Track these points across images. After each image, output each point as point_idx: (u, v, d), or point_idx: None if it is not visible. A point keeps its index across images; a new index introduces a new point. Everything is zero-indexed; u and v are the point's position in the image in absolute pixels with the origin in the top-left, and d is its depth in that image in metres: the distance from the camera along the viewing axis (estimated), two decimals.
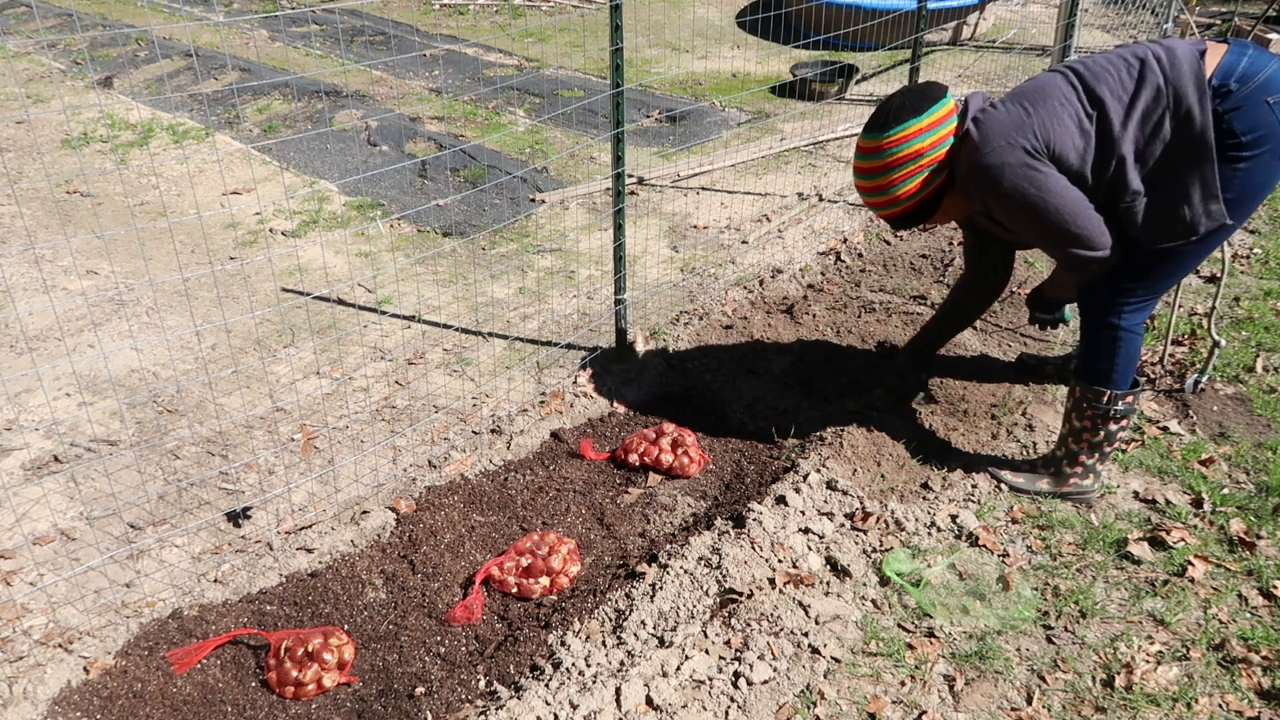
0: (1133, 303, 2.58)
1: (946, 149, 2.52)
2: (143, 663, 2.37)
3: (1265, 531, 2.69)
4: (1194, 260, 2.53)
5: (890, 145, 2.52)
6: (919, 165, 2.52)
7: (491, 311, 4.08)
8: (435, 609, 2.55)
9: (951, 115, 2.53)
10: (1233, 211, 2.39)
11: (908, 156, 2.51)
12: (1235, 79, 2.28)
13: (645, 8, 9.37)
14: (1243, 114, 2.28)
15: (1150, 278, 2.54)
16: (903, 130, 2.50)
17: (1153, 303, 2.63)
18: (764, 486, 2.92)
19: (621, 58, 3.20)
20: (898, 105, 2.53)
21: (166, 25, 8.40)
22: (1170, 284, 2.60)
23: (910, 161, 2.52)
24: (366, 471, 3.08)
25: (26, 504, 2.92)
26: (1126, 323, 2.61)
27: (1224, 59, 2.31)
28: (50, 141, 6.04)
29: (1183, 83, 2.29)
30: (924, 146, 2.50)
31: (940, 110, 2.51)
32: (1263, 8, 8.36)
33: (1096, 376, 2.69)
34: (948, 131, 2.52)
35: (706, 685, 2.21)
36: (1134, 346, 2.64)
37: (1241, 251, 4.38)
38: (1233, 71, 2.29)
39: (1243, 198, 2.38)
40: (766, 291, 4.12)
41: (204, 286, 4.29)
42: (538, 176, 5.50)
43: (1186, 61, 2.30)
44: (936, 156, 2.52)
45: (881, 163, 2.55)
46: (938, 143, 2.51)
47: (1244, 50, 2.33)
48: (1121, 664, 2.30)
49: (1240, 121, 2.29)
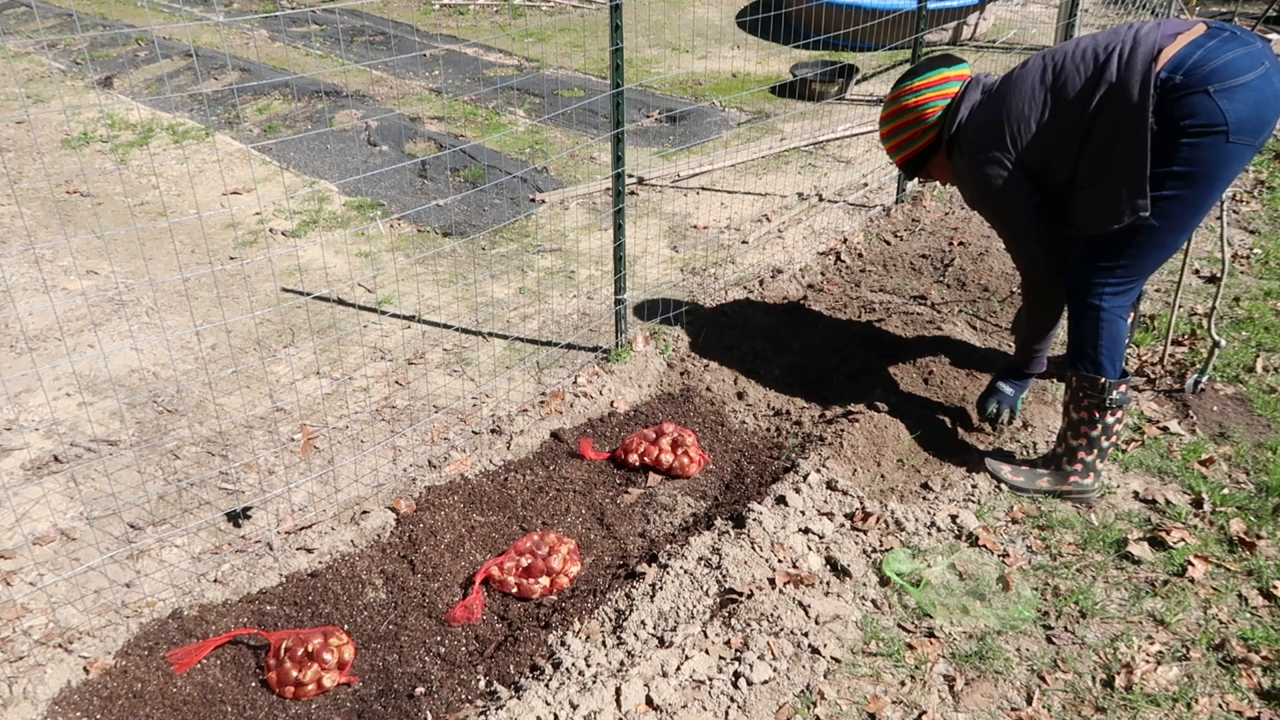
0: (1112, 283, 2.67)
1: (932, 111, 2.84)
2: (143, 663, 2.37)
3: (1265, 531, 2.69)
4: (1163, 241, 2.59)
5: (892, 98, 2.93)
6: (903, 121, 2.90)
7: (491, 311, 4.08)
8: (435, 609, 2.55)
9: (945, 83, 2.84)
10: (1186, 185, 2.49)
11: (898, 110, 2.91)
12: (1182, 71, 2.42)
13: (645, 8, 9.37)
14: (1181, 102, 2.43)
15: (1124, 257, 2.63)
16: (900, 88, 2.91)
17: (1135, 286, 2.70)
18: (764, 486, 2.92)
19: (621, 58, 3.20)
20: (911, 68, 2.93)
21: (166, 25, 8.40)
22: (1150, 266, 2.66)
23: (898, 115, 2.91)
24: (366, 471, 3.08)
25: (26, 504, 2.92)
26: (1107, 304, 2.68)
27: (1179, 51, 2.45)
28: (50, 141, 6.04)
29: (1131, 81, 2.47)
30: (910, 104, 2.87)
31: (936, 76, 2.84)
32: (1263, 7, 8.36)
33: (1086, 362, 2.75)
34: (936, 95, 2.83)
35: (706, 685, 2.21)
36: (1116, 330, 2.70)
37: (1241, 251, 4.38)
38: (1182, 64, 2.43)
39: (1193, 173, 2.48)
40: (766, 291, 4.12)
41: (204, 286, 4.29)
42: (538, 176, 5.50)
43: (1140, 60, 2.47)
44: (920, 115, 2.86)
45: (885, 112, 2.97)
46: (922, 102, 2.85)
47: (1208, 39, 2.45)
48: (1121, 664, 2.30)
49: (1179, 109, 2.43)
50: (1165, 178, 2.49)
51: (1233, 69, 2.38)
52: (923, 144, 2.89)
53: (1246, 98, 2.38)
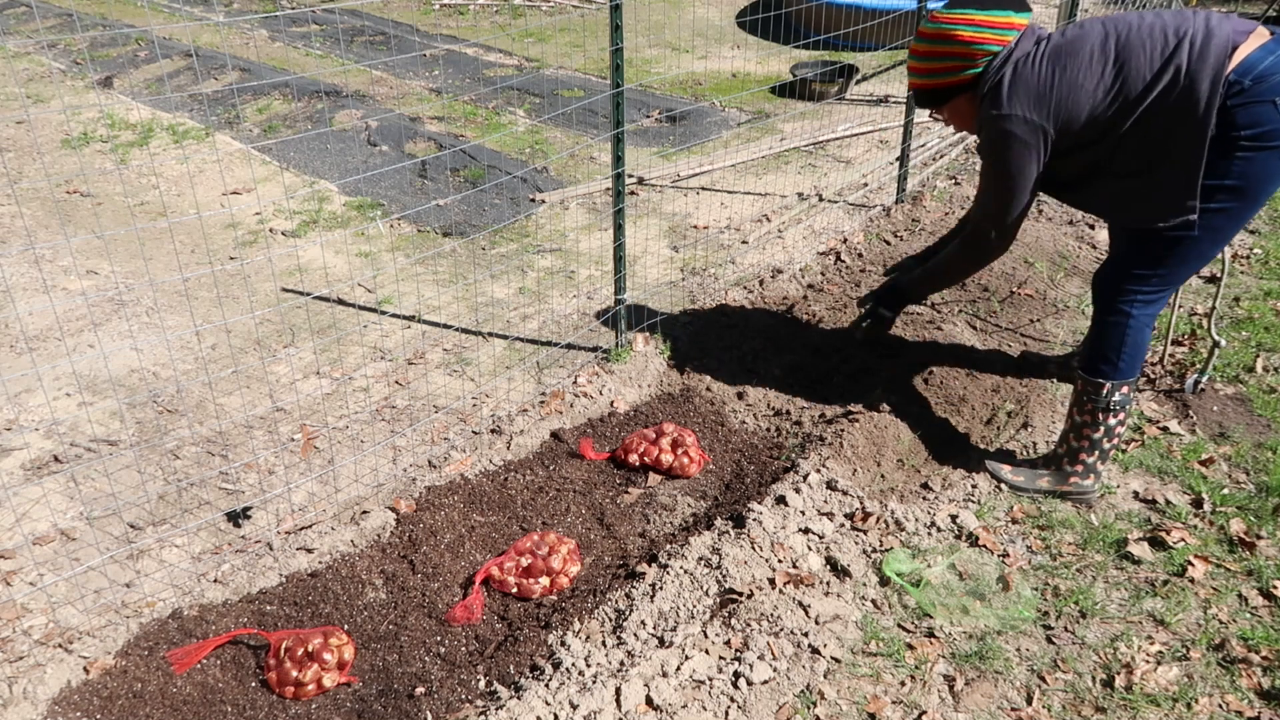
0: (1145, 292, 2.62)
1: (983, 53, 2.58)
2: (143, 663, 2.37)
3: (1265, 531, 2.69)
4: (1203, 252, 2.55)
5: (944, 20, 2.63)
6: (948, 50, 2.62)
7: (491, 311, 4.08)
8: (435, 609, 2.55)
9: (1009, 28, 2.57)
10: (1235, 199, 2.44)
11: (947, 37, 2.61)
12: (1252, 76, 2.32)
13: (645, 8, 9.37)
14: (1247, 110, 2.33)
15: (1163, 267, 2.58)
16: (961, 14, 2.60)
17: (1165, 296, 2.66)
18: (764, 486, 2.92)
19: (621, 58, 3.20)
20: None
21: (166, 25, 8.40)
22: (1183, 276, 2.63)
23: (945, 42, 2.62)
24: (366, 471, 3.08)
25: (26, 504, 2.92)
26: (1137, 312, 2.64)
27: (1251, 54, 2.35)
28: (50, 141, 6.04)
29: (1202, 74, 2.34)
30: (964, 37, 2.59)
31: (1001, 18, 2.57)
32: (1263, 8, 8.36)
33: (1100, 366, 2.72)
34: (994, 39, 2.57)
35: (706, 685, 2.21)
36: (1142, 338, 2.68)
37: (1241, 251, 4.38)
38: (1253, 68, 2.33)
39: (1244, 187, 2.42)
40: (766, 291, 4.12)
41: (204, 286, 4.29)
42: (538, 176, 5.50)
43: (1214, 54, 2.35)
44: (970, 53, 2.59)
45: (929, 31, 2.67)
46: (978, 40, 2.58)
47: (1278, 46, 2.37)
48: (1121, 664, 2.30)
49: (1243, 116, 2.34)
50: (1217, 190, 2.42)
51: None
52: (957, 80, 2.65)
53: None
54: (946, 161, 5.57)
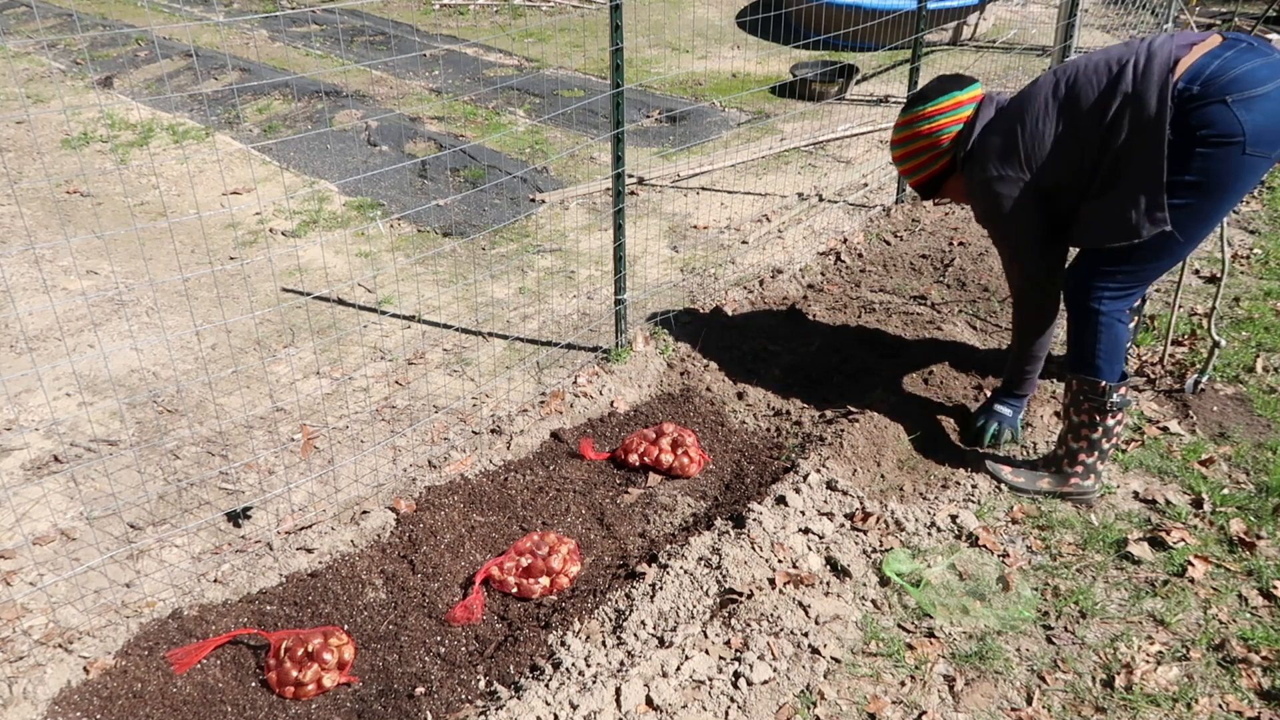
0: (1111, 288, 2.66)
1: (946, 137, 2.83)
2: (143, 663, 2.37)
3: (1265, 531, 2.69)
4: (1172, 249, 2.58)
5: (903, 124, 2.93)
6: (917, 147, 2.90)
7: (491, 311, 4.08)
8: (435, 609, 2.55)
9: (958, 107, 2.81)
10: (1197, 195, 2.48)
11: (911, 136, 2.90)
12: (1200, 81, 2.40)
13: (645, 8, 9.37)
14: (1200, 112, 2.41)
15: (1129, 263, 2.62)
16: (912, 113, 2.89)
17: (1136, 292, 2.69)
18: (764, 486, 2.92)
19: (621, 58, 3.20)
20: (921, 90, 2.90)
21: (166, 25, 8.40)
22: (1153, 274, 2.66)
23: (912, 140, 2.90)
24: (366, 471, 3.08)
25: (26, 504, 2.92)
26: (1106, 308, 2.67)
27: (1196, 61, 2.43)
28: (50, 141, 6.04)
29: (1148, 91, 2.45)
30: (924, 130, 2.86)
31: (948, 101, 2.82)
32: (1263, 7, 8.36)
33: (1085, 366, 2.74)
34: (950, 120, 2.82)
35: (706, 685, 2.21)
36: (1117, 333, 2.70)
37: (1241, 251, 4.38)
38: (1200, 74, 2.41)
39: (1204, 183, 2.46)
40: (766, 291, 4.12)
41: (204, 286, 4.29)
42: (538, 176, 5.50)
43: (1157, 71, 2.45)
44: (935, 141, 2.85)
45: (896, 137, 2.97)
46: (936, 129, 2.84)
47: (1225, 50, 2.43)
48: (1121, 664, 2.30)
49: (1197, 118, 2.41)
50: (1178, 186, 2.47)
51: (1251, 79, 2.36)
52: (938, 168, 2.89)
53: (1265, 108, 2.36)
54: None
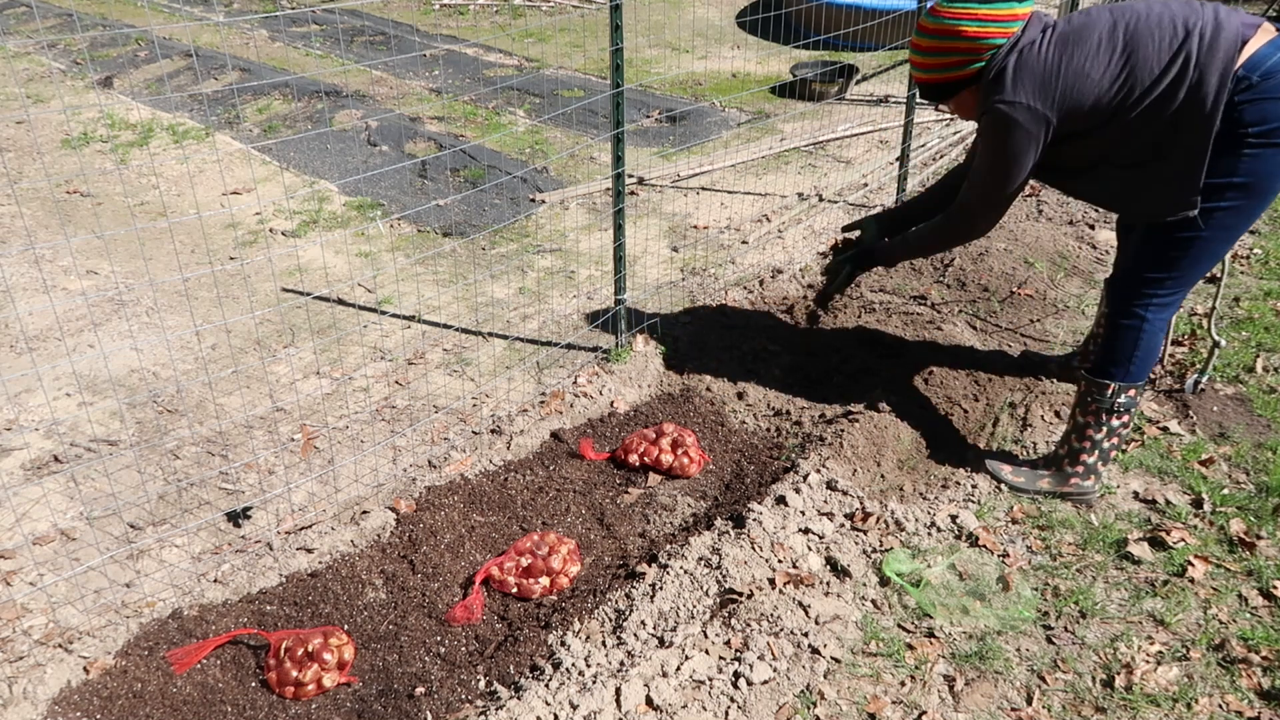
0: (1160, 295, 2.61)
1: (988, 47, 2.52)
2: (143, 663, 2.37)
3: (1265, 531, 2.69)
4: (1214, 251, 2.54)
5: (947, 15, 2.55)
6: (953, 45, 2.55)
7: (491, 311, 4.08)
8: (435, 609, 2.55)
9: (1013, 20, 2.51)
10: (1244, 196, 2.43)
11: (952, 32, 2.54)
12: (1260, 72, 2.31)
13: (645, 8, 9.37)
14: (1256, 106, 2.32)
15: (1176, 268, 2.57)
16: (964, 8, 2.53)
17: (1179, 298, 2.66)
18: (764, 486, 2.92)
19: (621, 58, 3.20)
20: None
21: (166, 25, 8.40)
22: (1196, 276, 2.61)
23: (950, 38, 2.54)
24: (366, 471, 3.08)
25: (26, 504, 2.92)
26: (1152, 315, 2.64)
27: (1260, 49, 2.33)
28: (50, 141, 6.04)
29: (1211, 68, 2.32)
30: (969, 32, 2.52)
31: (1005, 10, 2.50)
32: (1263, 8, 8.36)
33: (1110, 369, 2.71)
34: (999, 32, 2.51)
35: (706, 685, 2.21)
36: (1155, 343, 2.67)
37: (1241, 251, 4.38)
38: (1261, 64, 2.31)
39: (1253, 184, 2.41)
40: (766, 291, 4.12)
41: (204, 286, 4.29)
42: (538, 176, 5.50)
43: (1223, 47, 2.32)
44: (976, 47, 2.53)
45: (932, 26, 2.59)
46: (983, 35, 2.52)
47: None
48: (1121, 664, 2.30)
49: (1251, 112, 2.32)
50: (1225, 188, 2.41)
51: None
52: (962, 75, 2.59)
53: None
54: (947, 161, 5.57)
